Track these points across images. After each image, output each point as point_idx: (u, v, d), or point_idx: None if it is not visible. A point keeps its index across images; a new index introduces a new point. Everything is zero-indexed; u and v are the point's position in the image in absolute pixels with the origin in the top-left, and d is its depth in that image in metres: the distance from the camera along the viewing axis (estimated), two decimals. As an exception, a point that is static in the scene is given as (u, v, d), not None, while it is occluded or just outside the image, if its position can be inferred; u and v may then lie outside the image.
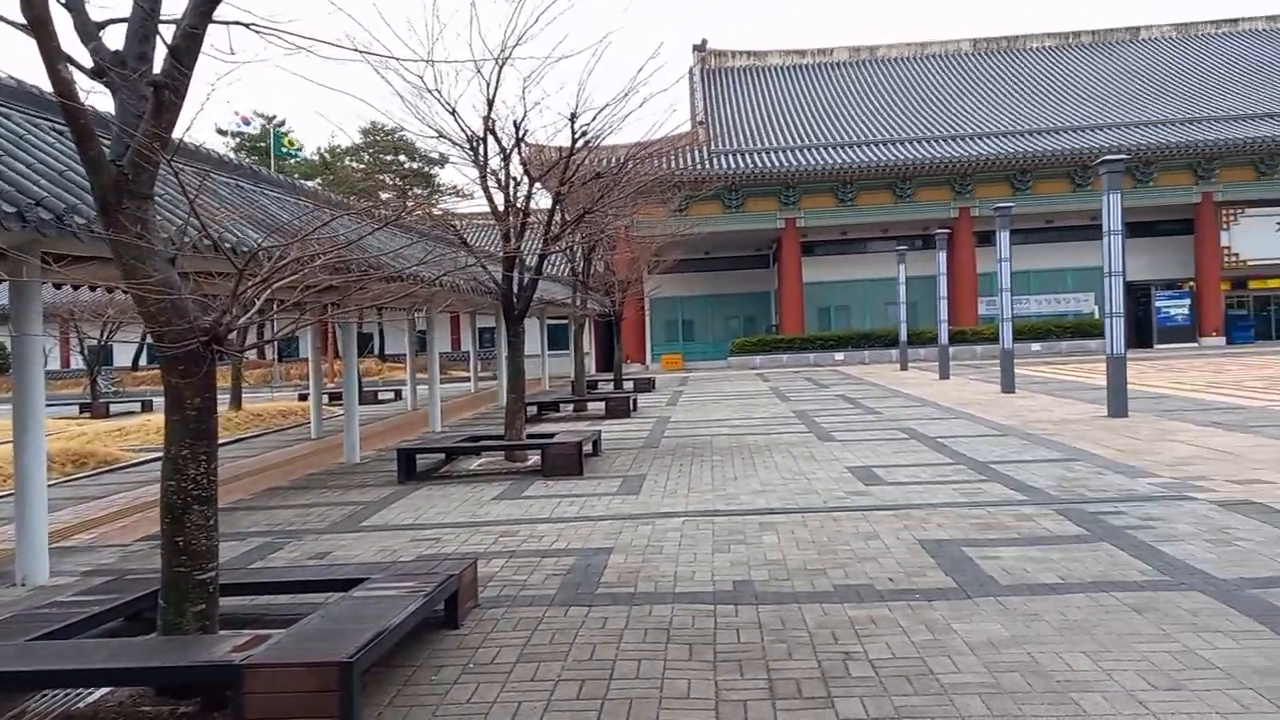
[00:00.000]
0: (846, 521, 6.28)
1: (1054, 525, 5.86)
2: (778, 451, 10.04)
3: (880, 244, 36.38)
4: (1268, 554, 4.89)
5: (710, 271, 40.76)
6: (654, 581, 5.02)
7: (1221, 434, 9.66)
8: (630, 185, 11.28)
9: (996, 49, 45.72)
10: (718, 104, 41.90)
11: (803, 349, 33.40)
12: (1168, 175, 33.69)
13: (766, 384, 22.83)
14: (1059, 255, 36.22)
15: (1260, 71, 38.79)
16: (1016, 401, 14.65)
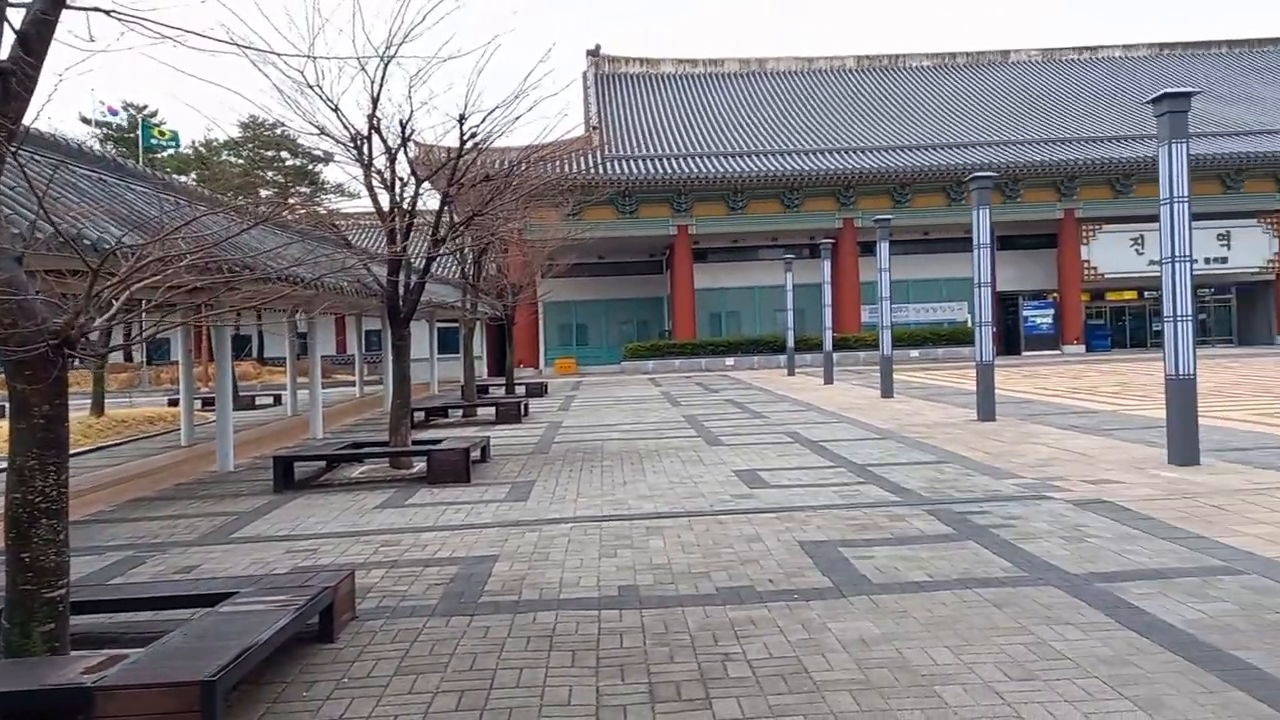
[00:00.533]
0: (731, 524, 6.40)
1: (925, 525, 6.12)
2: (667, 456, 10.14)
3: (770, 252, 37.27)
4: (1115, 550, 5.24)
5: (604, 276, 40.87)
6: (539, 589, 4.99)
7: (1078, 436, 10.30)
8: (522, 188, 11.20)
9: (879, 66, 47.56)
10: (611, 109, 42.09)
11: (695, 354, 33.89)
12: (1034, 192, 35.74)
13: (658, 389, 23.05)
14: (935, 266, 37.91)
15: (1117, 97, 41.64)
16: (895, 406, 15.25)
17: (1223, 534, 5.43)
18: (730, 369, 32.88)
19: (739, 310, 38.79)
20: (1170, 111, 8.00)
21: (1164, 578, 4.63)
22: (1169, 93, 8.06)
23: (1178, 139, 8.00)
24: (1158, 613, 4.08)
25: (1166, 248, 7.98)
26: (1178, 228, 7.90)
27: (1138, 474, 7.62)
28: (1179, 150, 7.98)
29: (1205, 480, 7.16)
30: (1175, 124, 7.99)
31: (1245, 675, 3.35)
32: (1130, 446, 9.25)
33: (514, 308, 20.97)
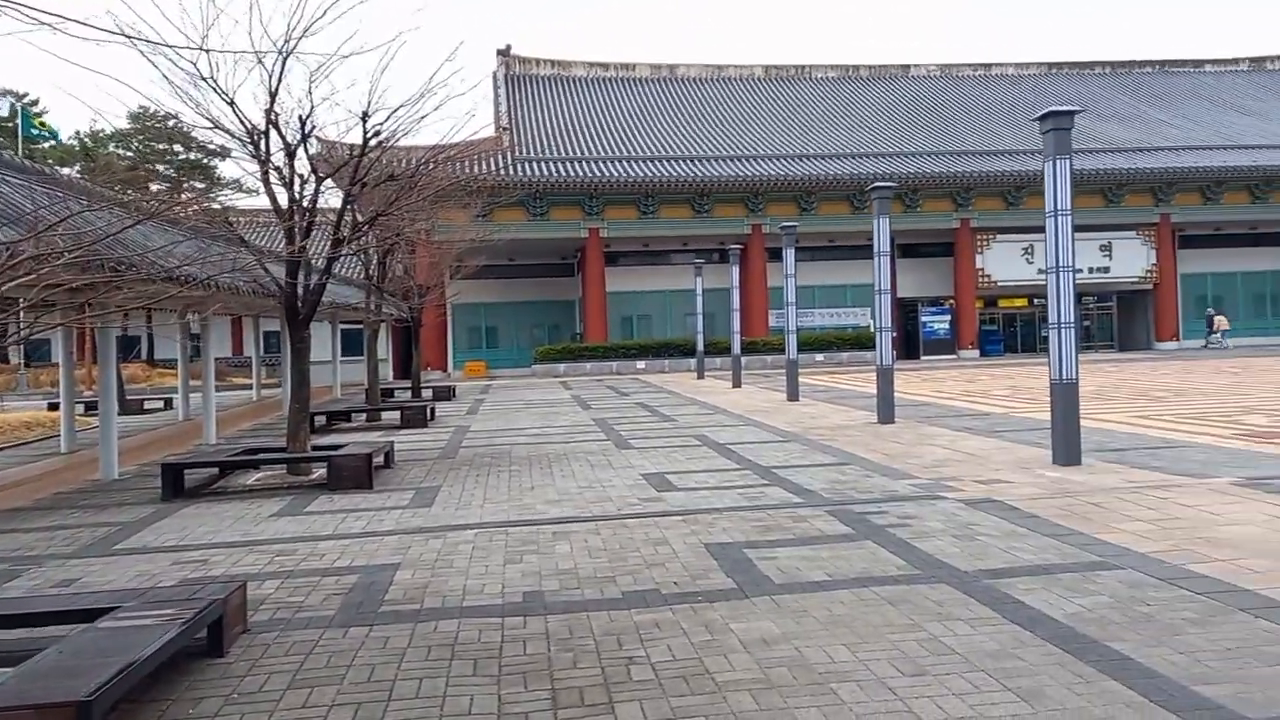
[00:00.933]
0: (638, 528, 6.42)
1: (826, 526, 6.27)
2: (576, 460, 10.12)
3: (681, 256, 37.60)
4: (1002, 547, 5.47)
5: (515, 278, 40.55)
6: (441, 596, 4.91)
7: (971, 438, 10.72)
8: (429, 188, 11.01)
9: (786, 76, 48.59)
10: (522, 110, 41.80)
11: (606, 357, 33.92)
12: (932, 202, 37.10)
13: (569, 392, 22.98)
14: (841, 272, 38.93)
15: (1010, 112, 43.58)
16: (800, 409, 15.58)
17: (1101, 531, 5.73)
18: (641, 372, 33.05)
19: (650, 314, 39.03)
20: (1055, 129, 8.41)
21: (1047, 573, 4.86)
22: (1053, 111, 8.48)
23: (1062, 155, 8.41)
24: (1041, 607, 4.27)
25: (1051, 258, 8.39)
26: (1061, 239, 8.32)
27: (1024, 474, 7.98)
28: (1063, 165, 8.40)
29: (1085, 480, 7.55)
30: (1059, 140, 8.41)
31: (1118, 665, 3.54)
32: (1018, 448, 9.68)
33: (421, 309, 20.60)
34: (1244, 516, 5.91)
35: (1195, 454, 8.73)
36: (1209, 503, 6.39)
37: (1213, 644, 3.70)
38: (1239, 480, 7.19)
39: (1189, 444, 9.45)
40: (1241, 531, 5.52)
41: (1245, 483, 7.08)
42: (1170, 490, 6.91)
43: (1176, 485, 7.10)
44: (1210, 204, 38.42)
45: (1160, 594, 4.39)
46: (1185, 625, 3.93)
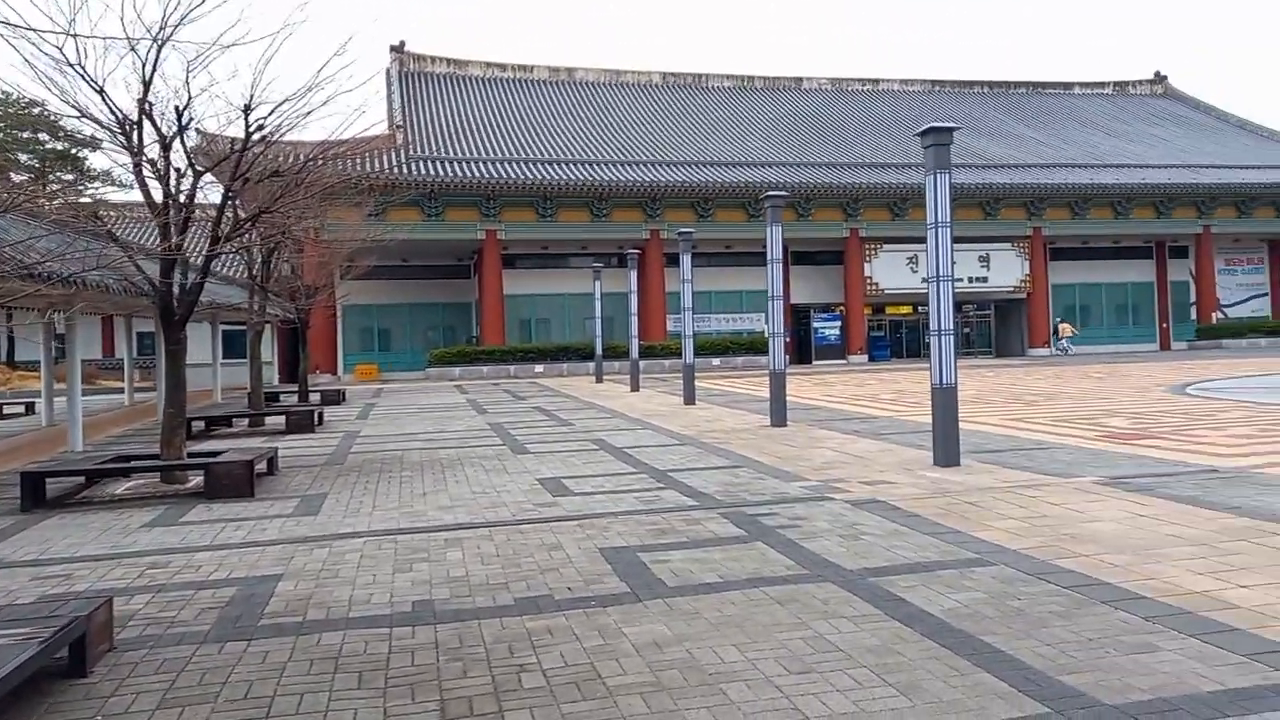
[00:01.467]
0: (533, 533, 6.37)
1: (718, 528, 6.36)
2: (470, 465, 9.96)
3: (580, 259, 37.61)
4: (885, 546, 5.67)
5: (409, 279, 39.71)
6: (326, 608, 4.74)
7: (858, 441, 11.07)
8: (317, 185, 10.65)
9: (684, 84, 49.22)
10: (417, 108, 41.01)
11: (503, 360, 33.58)
12: (823, 212, 38.20)
13: (465, 396, 22.63)
14: (737, 278, 39.66)
15: (896, 126, 45.29)
16: (696, 413, 15.78)
17: (976, 529, 6.00)
18: (539, 376, 32.85)
19: (549, 317, 38.86)
20: (935, 144, 8.78)
21: (926, 570, 5.05)
22: (934, 127, 8.85)
23: (942, 169, 8.79)
24: (920, 603, 4.44)
25: (932, 268, 8.75)
26: (941, 250, 8.69)
27: (907, 475, 8.29)
28: (943, 179, 8.77)
29: (963, 480, 7.90)
30: (939, 155, 8.78)
31: (990, 658, 3.71)
32: (902, 449, 10.05)
33: (308, 310, 19.92)
34: (1105, 514, 6.29)
35: (1063, 455, 9.25)
36: (1074, 501, 6.78)
37: (1076, 635, 3.92)
38: (1101, 479, 7.65)
39: (1058, 445, 10.01)
40: (1103, 528, 5.87)
41: (1107, 481, 7.54)
42: (1040, 489, 7.30)
43: (1045, 485, 7.51)
44: (1078, 219, 40.88)
45: (1029, 588, 4.63)
46: (1052, 618, 4.16)
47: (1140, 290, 44.87)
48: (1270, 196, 41.75)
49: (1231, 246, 44.80)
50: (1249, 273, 45.65)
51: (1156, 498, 6.76)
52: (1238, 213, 42.11)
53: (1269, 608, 4.15)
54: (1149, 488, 7.19)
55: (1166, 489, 7.11)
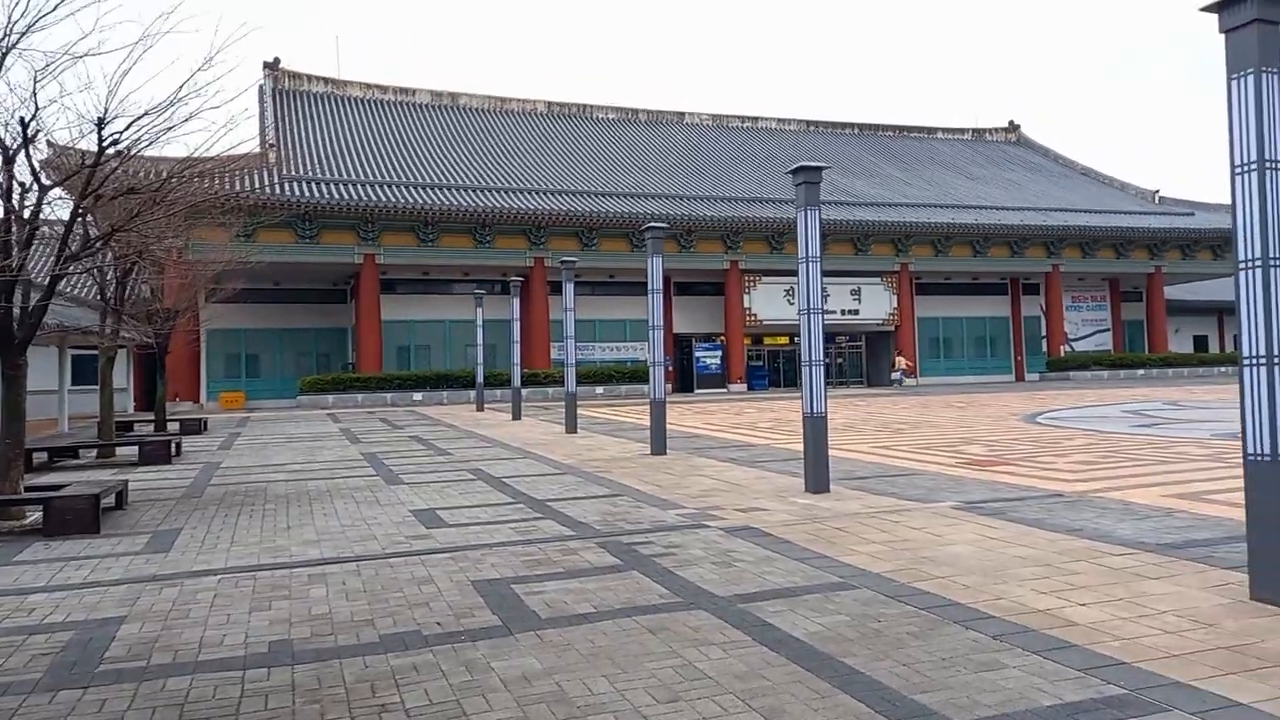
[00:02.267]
0: (403, 567, 6.18)
1: (595, 557, 6.34)
2: (340, 497, 9.61)
3: (463, 286, 37.11)
4: (756, 572, 5.78)
5: (281, 303, 38.27)
6: (173, 651, 4.46)
7: (735, 469, 11.29)
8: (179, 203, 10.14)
9: (569, 114, 49.58)
10: (292, 128, 39.78)
11: (380, 388, 32.65)
12: (705, 243, 39.05)
13: (338, 425, 21.87)
14: (621, 307, 39.98)
15: (773, 162, 46.87)
16: (578, 441, 15.74)
17: (842, 553, 6.20)
18: (418, 404, 32.10)
19: (429, 344, 38.11)
20: (806, 182, 9.13)
21: (793, 595, 5.18)
22: (804, 166, 9.21)
23: (812, 206, 9.15)
24: (786, 628, 4.54)
25: (802, 300, 9.07)
26: (812, 283, 9.01)
27: (780, 501, 8.50)
28: (813, 215, 9.13)
29: (832, 506, 8.16)
30: (809, 193, 9.14)
31: (850, 679, 3.82)
32: (776, 477, 10.31)
33: (168, 334, 18.87)
34: (960, 537, 6.61)
35: (925, 481, 9.69)
36: (933, 525, 7.10)
37: (930, 655, 4.09)
38: (958, 504, 8.05)
39: (921, 472, 10.48)
40: (957, 550, 6.17)
41: (963, 506, 7.94)
42: (902, 514, 7.61)
43: (907, 510, 7.84)
44: (941, 256, 43.22)
45: (888, 610, 4.81)
46: (908, 639, 4.33)
47: (997, 324, 47.70)
48: (1110, 239, 45.27)
49: (1077, 284, 48.27)
50: (1093, 309, 49.25)
51: (1006, 521, 7.16)
52: (1082, 253, 45.45)
53: (1102, 624, 4.45)
54: (1000, 511, 7.60)
55: (1016, 513, 7.54)
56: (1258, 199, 4.80)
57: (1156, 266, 46.67)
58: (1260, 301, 4.76)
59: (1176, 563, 5.64)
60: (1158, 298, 47.66)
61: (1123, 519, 7.17)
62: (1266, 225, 4.79)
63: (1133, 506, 7.71)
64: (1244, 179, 4.88)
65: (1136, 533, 6.61)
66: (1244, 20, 4.85)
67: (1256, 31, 4.80)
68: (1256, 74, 4.81)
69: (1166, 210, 49.87)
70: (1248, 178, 4.86)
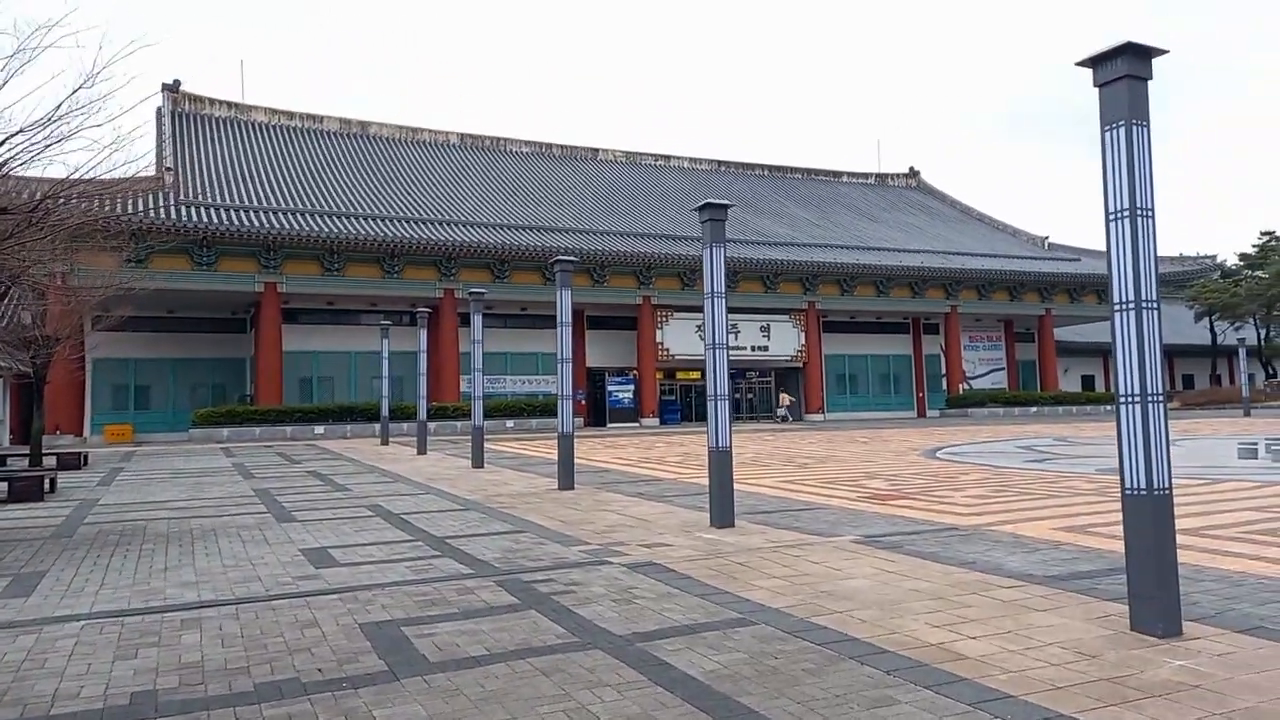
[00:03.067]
0: (287, 610, 5.87)
1: (492, 597, 6.15)
2: (226, 536, 9.13)
3: (370, 316, 36.31)
4: (656, 609, 5.69)
5: (176, 332, 36.76)
6: (22, 704, 4.10)
7: (642, 503, 11.21)
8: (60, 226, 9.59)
9: (482, 146, 49.40)
10: (191, 151, 38.49)
11: (279, 421, 31.48)
12: (618, 278, 39.23)
13: (231, 460, 20.94)
14: (533, 340, 39.72)
15: (685, 200, 47.55)
16: (484, 476, 15.43)
17: (743, 589, 6.17)
18: (320, 438, 31.06)
19: (334, 376, 37.06)
20: (711, 219, 9.23)
21: (692, 632, 5.11)
22: (710, 203, 9.32)
23: (717, 243, 9.24)
24: (683, 666, 4.46)
25: (709, 336, 9.12)
26: (717, 319, 9.08)
27: (685, 536, 8.46)
28: (718, 252, 9.22)
29: (736, 540, 8.15)
30: (715, 230, 9.23)
31: (745, 719, 3.76)
32: (683, 511, 10.27)
33: (47, 363, 17.80)
34: (858, 571, 6.67)
35: (827, 515, 9.80)
36: (832, 559, 7.15)
37: (825, 691, 4.07)
38: (858, 538, 8.15)
39: (823, 506, 10.61)
40: (855, 584, 6.22)
41: (862, 540, 8.04)
42: (803, 549, 7.66)
43: (809, 544, 7.89)
44: (846, 295, 44.43)
45: (786, 646, 4.78)
46: (804, 675, 4.30)
47: (900, 362, 49.21)
48: (1004, 282, 47.38)
49: (974, 325, 50.29)
50: (989, 349, 51.34)
51: (903, 555, 7.27)
52: (979, 295, 47.42)
53: (991, 657, 4.51)
54: (898, 545, 7.72)
55: (912, 546, 7.67)
56: (1130, 244, 5.04)
57: (1047, 309, 49.02)
58: (1134, 342, 4.98)
59: (1062, 594, 5.80)
60: (1048, 339, 50.03)
61: (1013, 551, 7.37)
62: (1139, 269, 5.03)
63: (1023, 539, 7.94)
64: (1118, 225, 5.12)
65: (1025, 565, 6.79)
66: (1115, 75, 5.12)
67: (1127, 86, 5.08)
68: (1127, 125, 5.08)
69: (1055, 256, 52.57)
70: (1121, 224, 5.10)
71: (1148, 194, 5.10)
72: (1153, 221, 5.11)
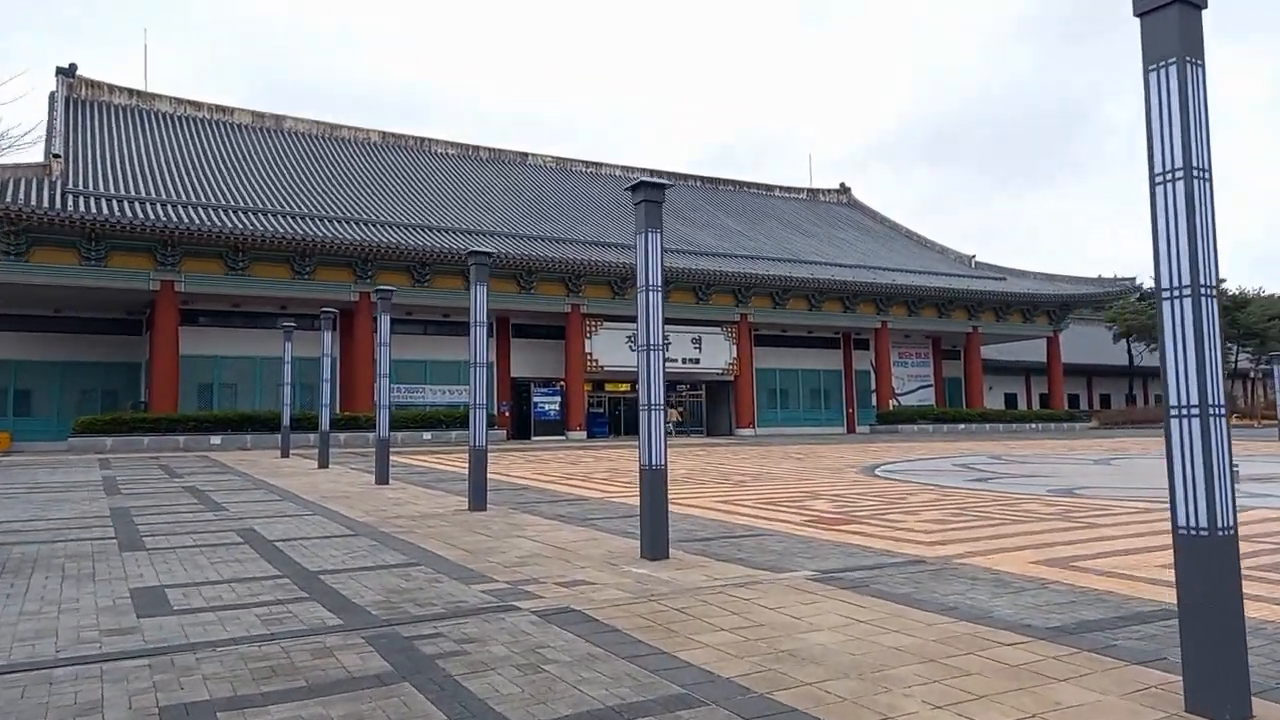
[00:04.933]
0: (69, 684, 4.33)
1: (356, 662, 4.71)
2: (47, 569, 7.43)
3: (281, 319, 34.02)
4: (572, 679, 4.34)
5: (62, 333, 34.00)
6: None
7: (563, 528, 9.83)
8: None
9: (405, 145, 47.45)
10: (86, 139, 35.74)
11: (171, 430, 29.04)
12: (546, 285, 37.77)
13: (104, 472, 18.78)
14: (456, 348, 37.94)
15: (616, 208, 46.43)
16: (386, 494, 13.83)
17: (683, 647, 4.86)
18: (216, 449, 28.74)
19: (237, 383, 34.68)
20: (646, 200, 8.01)
21: (619, 717, 3.77)
22: (645, 182, 8.10)
23: (653, 229, 8.01)
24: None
25: (644, 336, 7.82)
26: (653, 315, 7.80)
27: (611, 571, 7.12)
28: (654, 239, 7.98)
29: (672, 577, 6.84)
30: (650, 213, 8.01)
31: None
32: (609, 538, 8.93)
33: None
34: (823, 620, 5.43)
35: (773, 543, 8.58)
36: (790, 603, 5.90)
37: (811, 831, 2.77)
38: (814, 574, 6.93)
39: (767, 531, 9.39)
40: (823, 639, 4.97)
41: (820, 577, 6.82)
42: (753, 588, 6.39)
43: (758, 582, 6.63)
44: (778, 308, 43.80)
45: (747, 746, 3.48)
46: (778, 799, 3.00)
47: (830, 377, 48.82)
48: (934, 299, 47.43)
49: (903, 341, 50.26)
50: (917, 365, 51.39)
51: (872, 596, 6.07)
52: (908, 311, 47.35)
53: (1029, 760, 3.29)
54: (862, 583, 6.53)
55: (879, 585, 6.48)
56: (1184, 213, 3.92)
57: (974, 326, 49.27)
58: (1189, 339, 3.86)
59: (1078, 655, 4.64)
60: (975, 356, 50.27)
61: (998, 592, 6.23)
62: (1196, 245, 3.91)
63: (1003, 576, 6.83)
64: (1167, 189, 4.00)
65: (1018, 611, 5.66)
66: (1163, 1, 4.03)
67: (1178, 13, 3.97)
68: (1180, 63, 3.97)
69: (982, 274, 53.02)
70: (1173, 187, 3.98)
71: (1204, 150, 3.99)
72: (1210, 185, 4.01)
